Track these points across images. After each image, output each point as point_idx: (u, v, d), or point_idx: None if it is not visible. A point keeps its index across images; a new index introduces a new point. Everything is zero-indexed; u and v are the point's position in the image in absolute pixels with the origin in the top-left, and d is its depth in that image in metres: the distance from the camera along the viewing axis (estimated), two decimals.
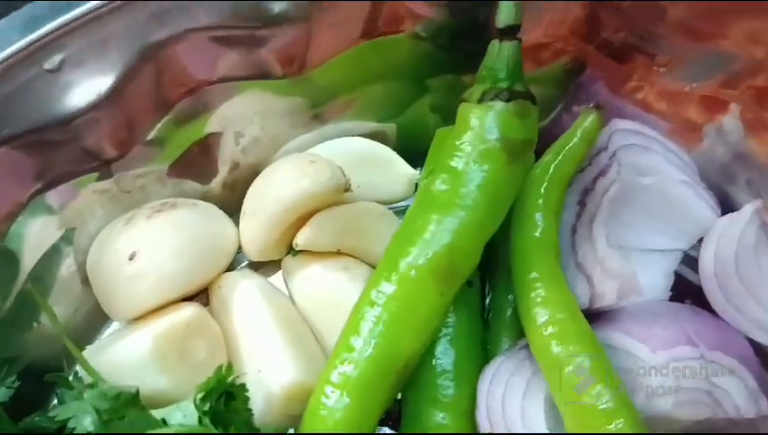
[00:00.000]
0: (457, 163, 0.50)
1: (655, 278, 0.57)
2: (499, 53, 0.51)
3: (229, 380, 0.47)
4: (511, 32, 0.51)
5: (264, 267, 0.60)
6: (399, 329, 0.48)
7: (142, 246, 0.52)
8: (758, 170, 0.59)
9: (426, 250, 0.48)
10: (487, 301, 0.57)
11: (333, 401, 0.47)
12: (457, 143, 0.50)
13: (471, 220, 0.49)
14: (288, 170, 0.53)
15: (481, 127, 0.49)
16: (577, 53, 0.61)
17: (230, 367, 0.47)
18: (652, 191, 0.56)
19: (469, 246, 0.49)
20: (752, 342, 0.53)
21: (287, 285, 0.57)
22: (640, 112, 0.61)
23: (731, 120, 0.59)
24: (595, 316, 0.54)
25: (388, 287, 0.48)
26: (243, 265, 0.60)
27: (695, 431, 0.50)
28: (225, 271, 0.57)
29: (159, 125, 0.55)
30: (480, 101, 0.50)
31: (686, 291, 0.57)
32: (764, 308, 0.53)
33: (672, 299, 0.56)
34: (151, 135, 0.55)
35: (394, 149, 0.62)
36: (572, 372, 0.48)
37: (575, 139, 0.54)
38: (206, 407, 0.45)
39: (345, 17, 0.55)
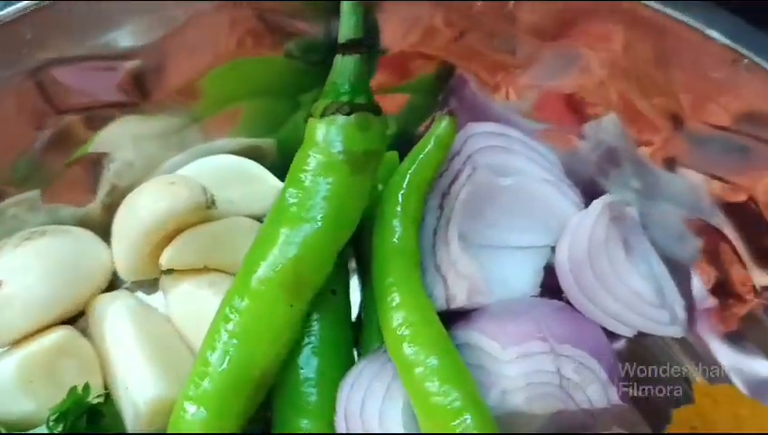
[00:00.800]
0: (304, 177, 0.51)
1: (524, 275, 0.58)
2: (341, 68, 0.52)
3: (91, 399, 0.49)
4: (353, 45, 0.52)
5: (148, 286, 0.61)
6: (252, 341, 0.49)
7: (9, 274, 0.53)
8: (633, 164, 0.61)
9: (274, 263, 0.50)
10: None
11: (191, 415, 0.48)
12: (304, 157, 0.52)
13: (317, 232, 0.50)
14: (148, 193, 0.54)
15: (324, 141, 0.51)
16: (443, 59, 0.63)
17: (87, 387, 0.49)
18: (514, 191, 0.58)
19: (317, 258, 0.51)
20: (608, 334, 0.55)
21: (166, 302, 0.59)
22: (510, 113, 0.63)
23: (608, 119, 0.61)
24: (457, 316, 0.55)
25: (239, 302, 0.50)
26: (126, 284, 0.61)
27: (553, 428, 0.52)
28: (107, 291, 0.58)
29: (32, 151, 0.57)
30: (323, 115, 0.51)
31: (558, 286, 0.58)
32: (617, 300, 0.54)
33: (545, 295, 0.58)
34: (22, 161, 0.57)
35: (274, 164, 0.64)
36: (422, 372, 0.49)
37: (429, 145, 0.55)
38: (60, 428, 0.47)
39: (199, 41, 0.56)
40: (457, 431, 0.47)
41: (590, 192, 0.60)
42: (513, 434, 0.51)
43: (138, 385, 0.52)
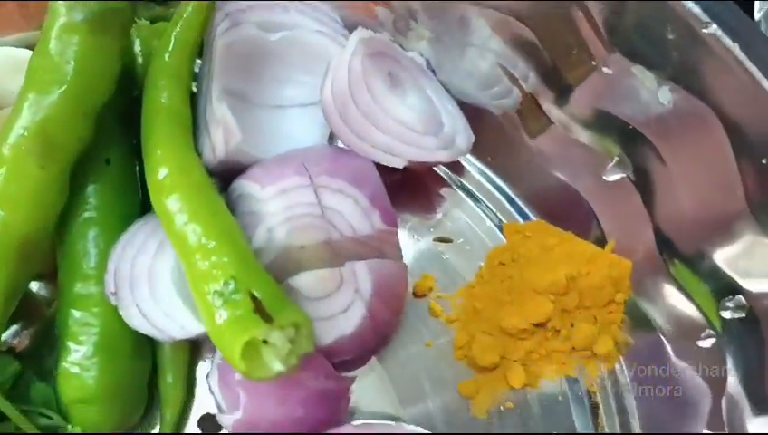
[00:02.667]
0: (49, 43, 0.51)
1: (309, 129, 0.58)
2: None
3: None
4: None
5: None
6: (7, 208, 0.49)
7: None
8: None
9: (22, 127, 0.49)
10: None
11: None
12: (49, 25, 0.51)
13: (63, 93, 0.50)
14: None
15: (65, 5, 0.51)
16: None
17: None
18: (285, 45, 0.58)
19: (64, 118, 0.50)
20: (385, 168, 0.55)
21: None
22: None
23: None
24: (237, 173, 0.55)
25: None
26: None
27: (321, 258, 0.52)
28: None
29: None
30: None
31: None
32: (385, 132, 0.54)
33: None
34: None
35: None
36: (183, 225, 0.49)
37: (190, 6, 0.55)
38: None
39: None
40: (220, 282, 0.46)
41: None
42: None
43: None
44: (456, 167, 0.64)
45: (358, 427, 0.50)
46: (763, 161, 0.49)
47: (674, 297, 0.56)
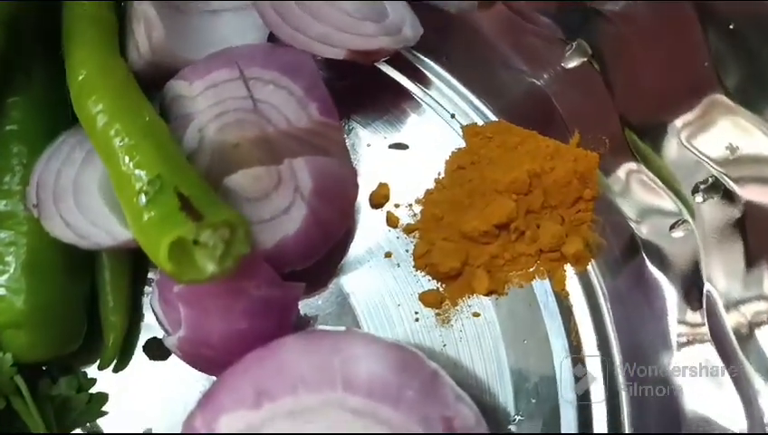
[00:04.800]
0: None
1: (244, 30, 0.55)
2: None
3: None
4: None
5: None
6: None
7: None
8: None
9: None
10: None
11: None
12: None
13: None
14: None
15: None
16: None
17: None
18: None
19: None
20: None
21: None
22: None
23: None
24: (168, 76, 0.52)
25: None
26: None
27: (259, 155, 0.48)
28: None
29: None
30: None
31: None
32: (319, 20, 0.51)
33: None
34: None
35: None
36: (104, 126, 0.45)
37: None
38: None
39: None
40: (144, 181, 0.43)
41: None
42: None
43: None
44: (411, 71, 0.60)
45: (303, 334, 0.46)
46: (731, 26, 0.46)
47: (644, 187, 0.53)
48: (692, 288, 0.50)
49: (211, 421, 0.40)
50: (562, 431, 0.51)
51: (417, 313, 0.54)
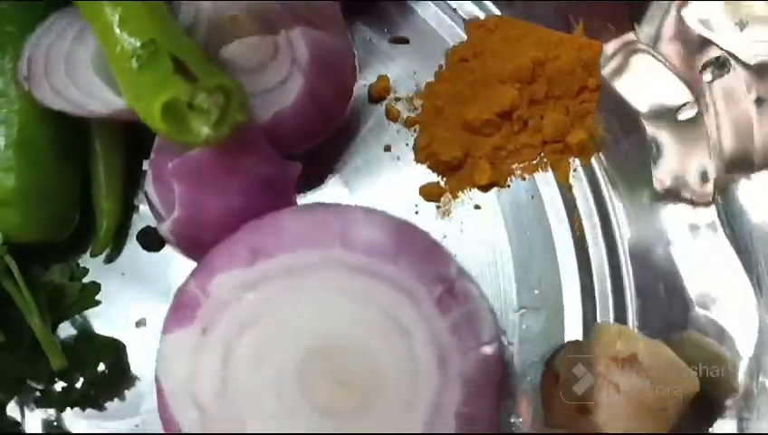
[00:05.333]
0: None
1: None
2: None
3: None
4: None
5: None
6: None
7: None
8: None
9: None
10: None
11: None
12: None
13: None
14: None
15: None
16: None
17: None
18: None
19: None
20: None
21: None
22: None
23: None
24: None
25: None
26: None
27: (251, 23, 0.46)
28: None
29: None
30: None
31: None
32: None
33: None
34: None
35: None
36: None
37: None
38: None
39: None
40: (138, 45, 0.41)
41: None
42: None
43: None
44: None
45: (302, 205, 0.45)
46: None
47: (649, 69, 0.51)
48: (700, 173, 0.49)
49: (204, 283, 0.39)
50: (565, 322, 0.50)
51: (417, 205, 0.53)
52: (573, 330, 0.50)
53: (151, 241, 0.52)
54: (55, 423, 0.50)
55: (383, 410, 0.37)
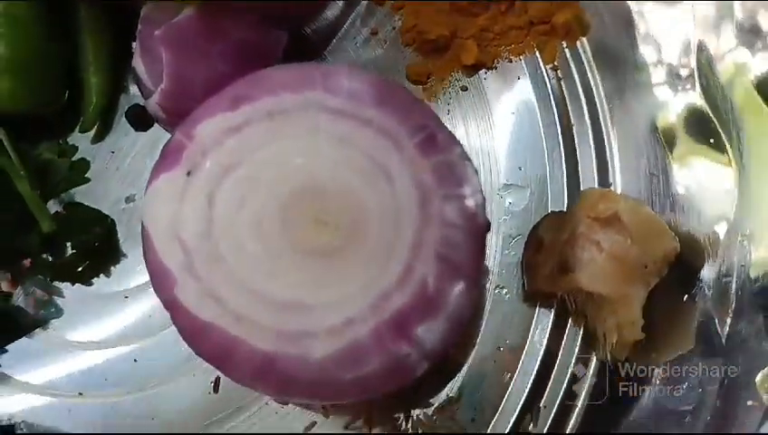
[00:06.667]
0: None
1: None
2: None
3: None
4: None
5: None
6: None
7: None
8: None
9: None
10: None
11: None
12: None
13: None
14: None
15: None
16: None
17: None
18: None
19: None
20: None
21: None
22: None
23: None
24: None
25: None
26: None
27: None
28: None
29: None
30: None
31: None
32: None
33: None
34: None
35: None
36: None
37: None
38: None
39: None
40: None
41: None
42: None
43: None
44: None
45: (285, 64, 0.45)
46: None
47: None
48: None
49: (189, 130, 0.40)
50: (549, 199, 0.51)
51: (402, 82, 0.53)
52: (557, 206, 0.51)
53: (140, 119, 0.52)
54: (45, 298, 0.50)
55: (364, 249, 0.37)
